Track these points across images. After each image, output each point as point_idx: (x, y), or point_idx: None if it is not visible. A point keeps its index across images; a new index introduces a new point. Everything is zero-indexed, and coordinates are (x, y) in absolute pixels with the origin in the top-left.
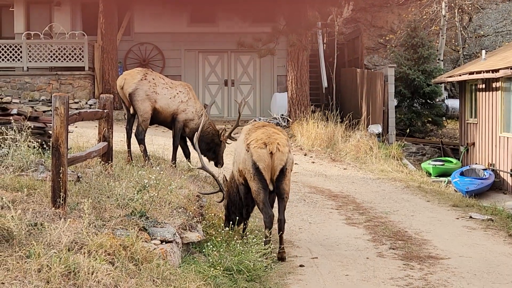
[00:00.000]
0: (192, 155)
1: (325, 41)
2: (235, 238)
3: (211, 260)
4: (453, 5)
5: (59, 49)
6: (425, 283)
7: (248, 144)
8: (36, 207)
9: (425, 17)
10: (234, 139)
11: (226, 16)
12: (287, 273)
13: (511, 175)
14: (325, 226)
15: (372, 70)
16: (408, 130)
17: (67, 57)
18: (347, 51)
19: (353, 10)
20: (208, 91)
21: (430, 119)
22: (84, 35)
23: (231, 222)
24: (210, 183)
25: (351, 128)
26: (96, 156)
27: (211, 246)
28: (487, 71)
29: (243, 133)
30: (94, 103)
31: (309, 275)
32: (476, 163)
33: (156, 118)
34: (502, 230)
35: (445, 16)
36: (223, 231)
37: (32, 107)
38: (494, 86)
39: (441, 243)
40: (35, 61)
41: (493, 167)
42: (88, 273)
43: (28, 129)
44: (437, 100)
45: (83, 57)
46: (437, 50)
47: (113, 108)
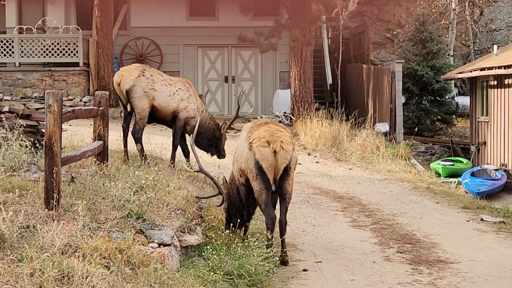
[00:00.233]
0: (192, 154)
1: (329, 35)
2: (235, 241)
3: (210, 264)
4: None
5: (52, 44)
6: None
7: (251, 142)
8: (29, 208)
9: (434, 10)
10: (234, 130)
11: (227, 9)
12: (290, 277)
13: None
14: (329, 229)
15: (379, 66)
16: (416, 129)
17: (60, 52)
18: (352, 46)
19: (359, 3)
20: (207, 87)
21: (439, 117)
22: (78, 29)
23: (231, 225)
24: (210, 184)
25: (357, 127)
26: (91, 156)
27: (210, 250)
28: (499, 67)
29: (244, 131)
30: (89, 100)
31: (313, 280)
32: (488, 163)
33: (154, 116)
34: None
35: (455, 10)
36: (223, 234)
37: (24, 104)
38: (506, 82)
39: (451, 247)
40: (28, 57)
41: (506, 167)
42: (83, 278)
43: (20, 127)
44: (447, 97)
45: (77, 52)
46: (447, 45)
47: (108, 105)
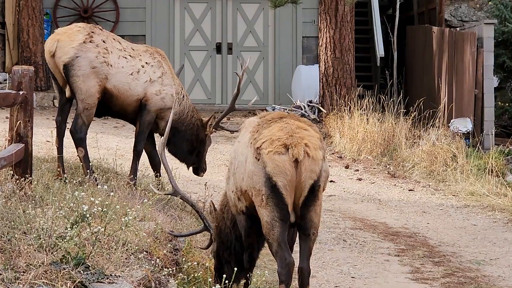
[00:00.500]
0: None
1: None
2: None
3: None
4: None
5: None
6: None
7: (259, 147)
8: None
9: None
10: (224, 129)
11: None
12: None
13: None
14: (378, 283)
15: (458, 30)
16: None
17: None
18: None
19: None
20: (189, 61)
21: None
22: None
23: (224, 277)
24: (191, 212)
25: (421, 124)
26: (5, 167)
27: None
28: None
29: (247, 130)
30: (4, 80)
31: None
32: None
33: (108, 106)
34: None
35: None
36: None
37: None
38: None
39: None
40: None
41: None
42: None
43: None
44: None
45: None
46: None
47: (33, 88)
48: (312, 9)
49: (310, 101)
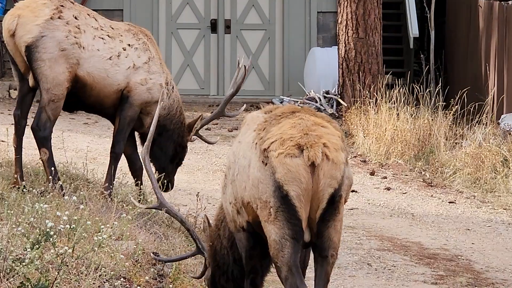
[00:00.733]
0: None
1: None
2: None
3: None
4: None
5: None
6: None
7: (266, 149)
8: None
9: None
10: (201, 138)
11: None
12: None
13: None
14: None
15: (511, 3)
16: None
17: None
18: None
19: None
20: (177, 42)
21: None
22: None
23: None
24: (180, 229)
25: (465, 121)
26: None
27: None
28: None
29: (249, 128)
30: None
31: None
32: None
33: (79, 98)
34: None
35: None
36: None
37: None
38: None
39: None
40: None
41: None
42: None
43: None
44: None
45: None
46: None
47: None
48: None
49: (327, 92)
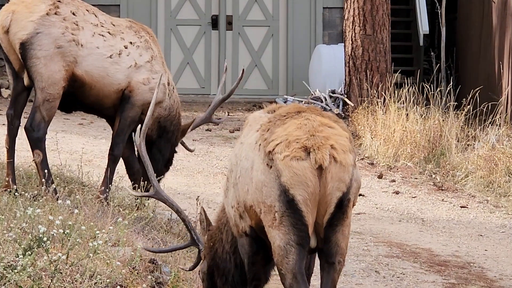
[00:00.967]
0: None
1: None
2: None
3: None
4: None
5: None
6: None
7: (271, 151)
8: None
9: None
10: (183, 145)
11: None
12: None
13: None
14: None
15: None
16: None
17: None
18: None
19: None
20: (177, 39)
21: None
22: None
23: None
24: (179, 235)
25: (477, 122)
26: None
27: None
28: None
29: (252, 129)
30: None
31: None
32: None
33: (77, 98)
34: None
35: None
36: None
37: None
38: None
39: None
40: None
41: None
42: None
43: None
44: None
45: None
46: None
47: None
48: None
49: (333, 91)
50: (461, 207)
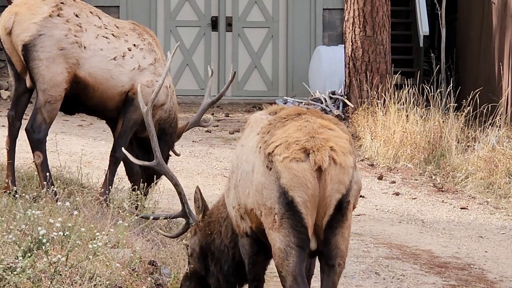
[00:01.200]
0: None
1: None
2: None
3: None
4: None
5: None
6: None
7: (271, 153)
8: None
9: None
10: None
11: None
12: None
13: None
14: None
15: None
16: None
17: None
18: None
19: None
20: (176, 40)
21: None
22: None
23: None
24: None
25: (477, 123)
26: None
27: None
28: None
29: (253, 131)
30: None
31: None
32: None
33: (80, 100)
34: None
35: None
36: None
37: None
38: None
39: None
40: None
41: None
42: None
43: None
44: None
45: None
46: None
47: None
48: None
49: (333, 93)
50: (461, 208)
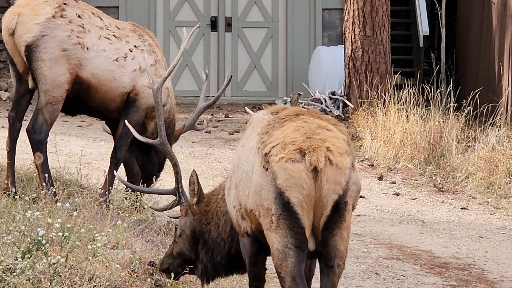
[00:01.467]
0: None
1: None
2: None
3: None
4: None
5: None
6: None
7: (268, 153)
8: None
9: None
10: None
11: None
12: None
13: None
14: None
15: None
16: None
17: None
18: None
19: None
20: (175, 41)
21: None
22: None
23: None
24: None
25: (477, 123)
26: None
27: None
28: None
29: (254, 131)
30: None
31: None
32: None
33: (83, 101)
34: None
35: None
36: None
37: None
38: None
39: None
40: None
41: None
42: None
43: None
44: None
45: None
46: None
47: None
48: None
49: (333, 93)
50: (462, 208)
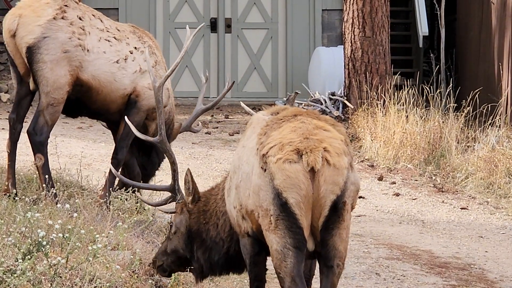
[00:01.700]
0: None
1: None
2: None
3: None
4: None
5: None
6: None
7: (265, 154)
8: None
9: None
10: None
11: None
12: None
13: None
14: None
15: None
16: None
17: None
18: None
19: None
20: (175, 42)
21: None
22: None
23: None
24: None
25: (477, 123)
26: None
27: None
28: None
29: (254, 132)
30: None
31: None
32: None
33: (84, 103)
34: None
35: None
36: None
37: None
38: None
39: None
40: None
41: None
42: None
43: None
44: None
45: None
46: None
47: None
48: None
49: (333, 93)
50: (461, 208)
